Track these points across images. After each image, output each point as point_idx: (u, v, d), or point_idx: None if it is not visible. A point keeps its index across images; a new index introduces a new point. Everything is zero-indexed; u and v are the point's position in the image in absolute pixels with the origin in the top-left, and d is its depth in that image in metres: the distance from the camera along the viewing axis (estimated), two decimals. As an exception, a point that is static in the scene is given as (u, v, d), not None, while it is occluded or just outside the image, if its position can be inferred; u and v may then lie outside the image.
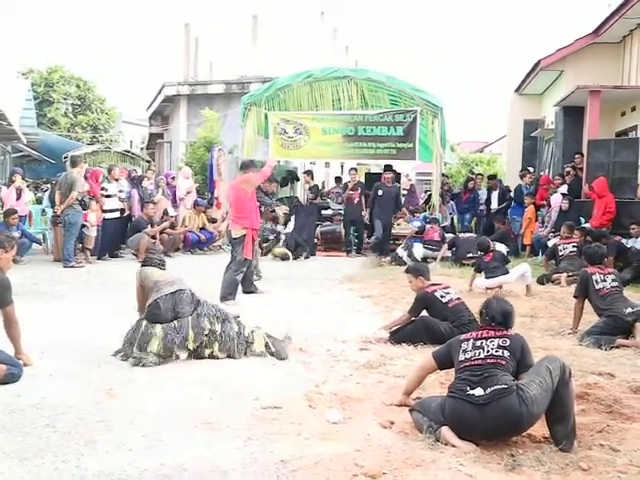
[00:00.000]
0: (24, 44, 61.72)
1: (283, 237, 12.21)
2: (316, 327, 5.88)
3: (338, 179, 17.47)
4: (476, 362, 3.34)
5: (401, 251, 11.24)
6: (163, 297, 4.84)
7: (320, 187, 18.54)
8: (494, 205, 13.39)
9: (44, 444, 3.13)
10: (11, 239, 4.63)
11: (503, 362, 3.31)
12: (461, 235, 11.10)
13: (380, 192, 12.29)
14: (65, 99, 31.24)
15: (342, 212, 13.29)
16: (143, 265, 5.24)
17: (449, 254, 11.04)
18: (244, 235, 7.42)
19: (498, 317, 3.50)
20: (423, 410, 3.41)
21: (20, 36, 64.35)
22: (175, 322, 4.79)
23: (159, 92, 20.59)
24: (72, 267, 9.83)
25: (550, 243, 10.29)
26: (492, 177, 14.40)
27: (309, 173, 13.90)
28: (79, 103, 31.82)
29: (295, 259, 11.78)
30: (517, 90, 17.44)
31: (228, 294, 7.25)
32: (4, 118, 12.20)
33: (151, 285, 4.97)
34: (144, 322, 4.82)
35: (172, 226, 12.26)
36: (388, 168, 12.84)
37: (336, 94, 12.80)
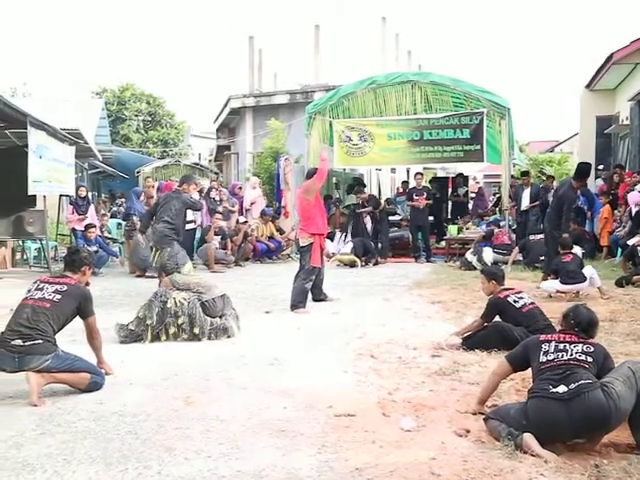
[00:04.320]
0: (98, 65, 64.53)
1: (351, 244, 12.16)
2: (387, 334, 5.86)
3: (405, 183, 17.36)
4: (558, 363, 3.28)
5: (470, 256, 11.06)
6: (218, 297, 5.87)
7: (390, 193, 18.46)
8: (525, 203, 12.37)
9: (127, 450, 3.24)
10: (92, 255, 4.95)
11: (586, 365, 3.24)
12: (531, 237, 10.73)
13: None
14: (136, 116, 32.53)
15: (409, 218, 13.15)
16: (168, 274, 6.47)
17: (520, 257, 10.76)
18: (312, 243, 7.49)
19: (584, 325, 3.44)
20: (500, 417, 3.33)
21: (94, 57, 67.29)
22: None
23: (225, 105, 21.05)
24: (152, 277, 10.15)
25: (629, 243, 9.87)
26: (525, 174, 13.11)
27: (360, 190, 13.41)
28: (150, 119, 33.04)
29: (363, 266, 11.76)
30: (588, 86, 16.86)
31: (298, 302, 7.32)
32: (81, 137, 12.77)
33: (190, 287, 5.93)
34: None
35: (245, 234, 12.44)
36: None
37: (400, 99, 12.75)
